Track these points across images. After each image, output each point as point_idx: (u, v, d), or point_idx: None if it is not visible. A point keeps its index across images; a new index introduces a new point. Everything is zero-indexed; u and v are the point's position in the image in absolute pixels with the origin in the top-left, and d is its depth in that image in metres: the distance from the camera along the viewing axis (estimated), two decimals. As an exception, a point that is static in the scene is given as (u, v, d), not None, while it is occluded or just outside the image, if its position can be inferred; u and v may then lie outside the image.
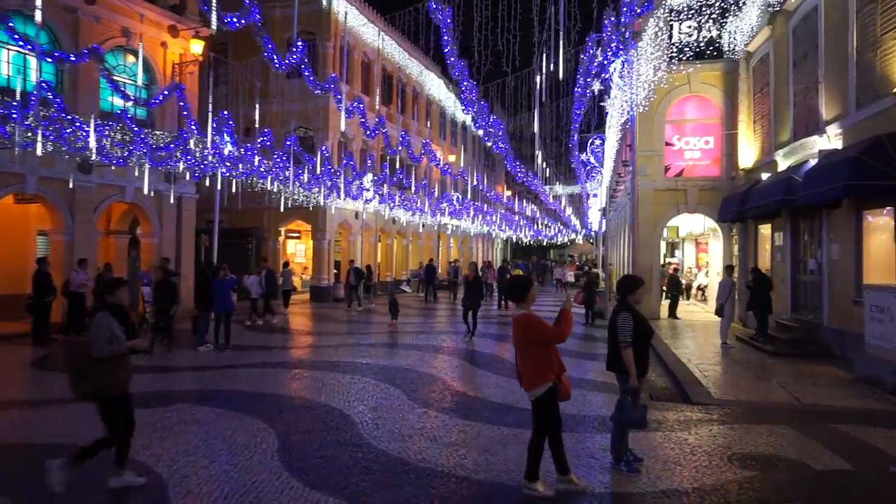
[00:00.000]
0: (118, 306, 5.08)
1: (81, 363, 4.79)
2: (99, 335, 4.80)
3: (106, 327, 4.82)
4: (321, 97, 26.17)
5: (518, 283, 4.99)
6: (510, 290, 5.00)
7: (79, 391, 4.81)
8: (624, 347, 5.24)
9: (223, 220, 28.15)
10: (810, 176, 11.17)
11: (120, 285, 5.27)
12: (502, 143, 14.01)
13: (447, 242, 39.28)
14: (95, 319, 4.94)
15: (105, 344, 4.79)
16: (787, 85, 13.93)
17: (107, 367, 4.78)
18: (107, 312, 4.96)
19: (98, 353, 4.77)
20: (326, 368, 10.31)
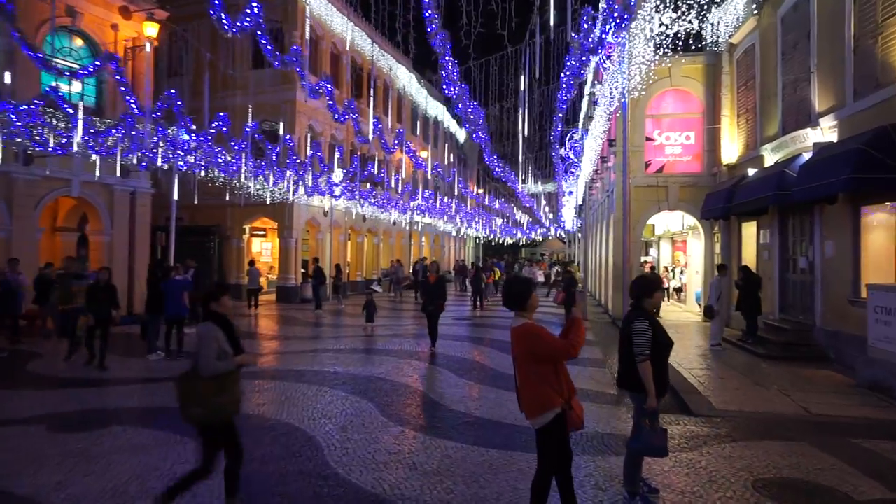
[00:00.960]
0: (223, 316, 4.39)
1: (191, 383, 4.14)
2: (208, 350, 4.13)
3: (214, 341, 4.18)
4: (287, 88, 25.13)
5: (517, 287, 4.11)
6: (507, 295, 4.12)
7: (190, 416, 4.16)
8: (641, 361, 4.44)
9: (183, 218, 26.77)
10: (806, 170, 10.61)
11: (224, 292, 4.51)
12: (482, 131, 13.09)
13: (419, 241, 38.36)
14: (201, 332, 4.24)
15: (215, 360, 4.13)
16: (776, 77, 13.42)
17: (221, 387, 4.14)
18: (213, 324, 4.26)
19: (208, 372, 4.12)
20: (290, 378, 9.32)
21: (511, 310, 4.08)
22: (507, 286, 4.25)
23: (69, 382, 8.99)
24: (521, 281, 4.27)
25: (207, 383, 4.11)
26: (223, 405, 4.17)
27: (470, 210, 36.00)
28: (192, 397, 4.11)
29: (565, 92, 10.86)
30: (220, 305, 4.41)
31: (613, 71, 10.40)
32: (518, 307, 4.02)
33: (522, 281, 4.27)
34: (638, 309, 4.66)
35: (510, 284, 4.22)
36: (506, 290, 4.20)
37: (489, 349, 12.40)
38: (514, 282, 4.25)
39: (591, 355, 11.83)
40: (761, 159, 14.04)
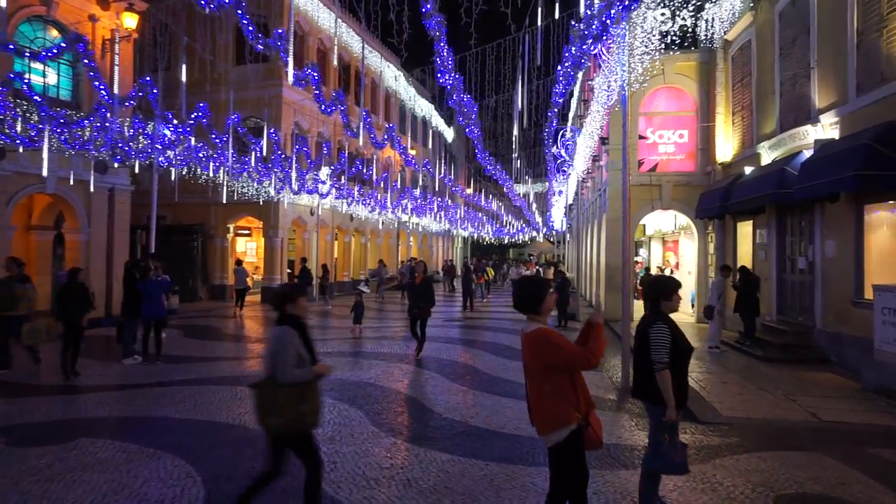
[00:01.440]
0: (299, 320, 4.09)
1: (269, 391, 3.88)
2: (285, 356, 3.88)
3: (292, 346, 3.93)
4: (273, 84, 24.58)
5: (530, 288, 3.69)
6: (519, 297, 3.70)
7: (268, 425, 3.89)
8: (659, 369, 4.05)
9: (166, 217, 26.19)
10: (808, 167, 10.32)
11: (300, 294, 4.17)
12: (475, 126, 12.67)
13: (407, 241, 37.90)
14: (279, 336, 3.96)
15: (294, 367, 3.90)
16: (773, 73, 13.16)
17: (301, 396, 3.89)
18: (290, 328, 3.99)
19: (287, 379, 3.86)
20: (275, 385, 8.83)
21: (523, 313, 3.67)
22: (518, 286, 3.80)
23: (35, 390, 8.45)
24: (533, 281, 3.83)
25: (286, 392, 3.86)
26: (303, 415, 3.91)
27: (459, 208, 35.56)
28: (271, 406, 3.86)
29: (563, 84, 10.49)
30: (295, 307, 4.10)
31: (612, 63, 10.04)
32: (531, 310, 3.61)
33: (535, 281, 3.84)
34: (655, 313, 4.27)
35: (521, 285, 3.78)
36: (517, 291, 3.75)
37: (481, 352, 11.99)
38: (526, 282, 3.81)
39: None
40: (758, 157, 13.79)
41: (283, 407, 3.82)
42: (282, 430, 3.88)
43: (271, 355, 3.95)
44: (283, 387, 3.85)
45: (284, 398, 3.83)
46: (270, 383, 3.89)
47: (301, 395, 3.88)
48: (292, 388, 3.86)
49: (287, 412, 3.82)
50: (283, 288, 4.21)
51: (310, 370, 3.99)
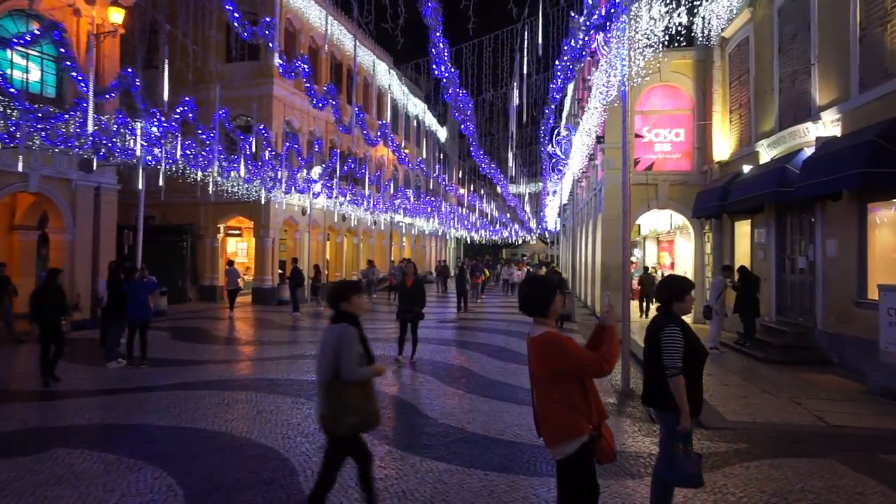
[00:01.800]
0: (355, 317, 4.06)
1: (340, 391, 3.81)
2: (350, 354, 3.83)
3: (355, 344, 3.88)
4: (264, 83, 24.22)
5: (536, 288, 3.43)
6: (525, 298, 3.43)
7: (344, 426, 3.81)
8: (672, 375, 3.79)
9: (155, 217, 25.79)
10: (810, 165, 10.12)
11: (354, 291, 4.12)
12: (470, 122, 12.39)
13: (400, 241, 37.59)
14: (341, 333, 3.89)
15: (358, 365, 3.85)
16: (772, 70, 12.98)
17: (367, 394, 3.88)
18: (351, 325, 3.94)
19: (353, 377, 3.82)
20: (263, 389, 8.53)
21: (529, 315, 3.40)
22: (524, 287, 3.52)
23: (11, 397, 8.09)
24: (541, 281, 3.55)
25: (355, 390, 3.83)
26: (373, 413, 3.91)
27: (452, 208, 35.28)
28: (342, 406, 3.79)
29: (561, 79, 10.23)
30: (349, 305, 4.04)
31: (611, 57, 9.81)
32: (538, 312, 3.34)
33: (543, 281, 3.56)
34: (667, 314, 4.01)
35: (528, 285, 3.50)
36: (523, 293, 3.47)
37: (477, 354, 11.72)
38: (532, 282, 3.53)
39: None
40: (756, 156, 13.60)
41: (356, 405, 3.80)
42: (357, 429, 3.85)
43: (333, 353, 3.84)
44: (350, 385, 3.80)
45: (353, 397, 3.80)
46: (338, 383, 3.82)
47: (367, 393, 3.88)
48: (357, 387, 3.83)
49: (360, 410, 3.81)
50: (337, 285, 4.16)
51: (371, 369, 3.96)
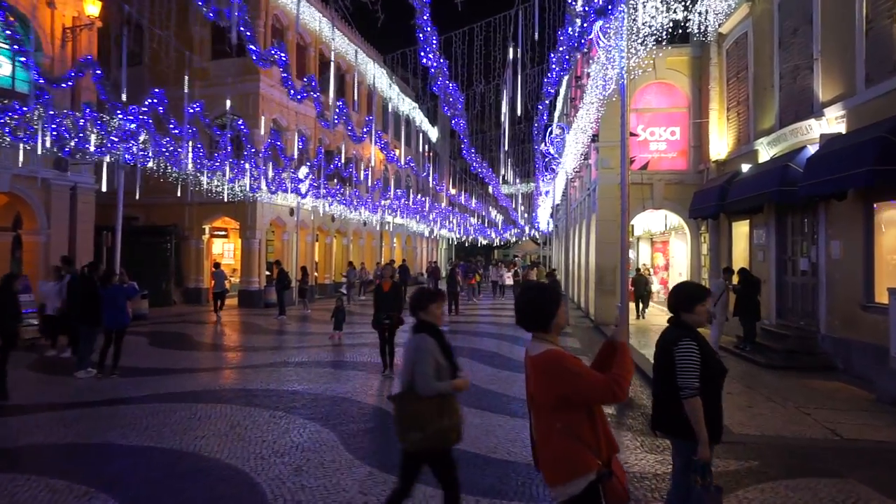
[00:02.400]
0: (435, 327, 3.84)
1: (410, 404, 3.66)
2: (425, 367, 3.65)
3: (431, 355, 3.69)
4: (251, 80, 23.62)
5: (536, 297, 2.91)
6: (522, 308, 2.91)
7: (408, 440, 3.66)
8: (688, 397, 3.32)
9: (138, 217, 25.15)
10: (814, 163, 9.72)
11: (431, 300, 3.92)
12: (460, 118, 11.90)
13: (390, 242, 37.04)
14: (418, 345, 3.73)
15: (434, 378, 3.65)
16: (772, 66, 12.60)
17: (441, 409, 3.64)
18: (428, 336, 3.75)
19: (428, 391, 3.63)
20: (240, 401, 8.00)
21: (527, 329, 2.90)
22: (521, 296, 2.99)
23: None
24: (540, 288, 2.99)
25: (428, 404, 3.63)
26: (445, 431, 3.65)
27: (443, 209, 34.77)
28: (410, 419, 3.64)
29: (557, 71, 9.77)
30: (427, 314, 3.87)
31: (609, 49, 9.37)
32: (538, 326, 2.84)
33: (542, 288, 2.99)
34: (681, 326, 3.54)
35: (526, 294, 2.97)
36: (521, 302, 2.94)
37: (467, 360, 11.22)
38: (531, 290, 2.99)
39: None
40: (755, 154, 13.22)
41: (424, 421, 3.61)
42: (422, 445, 3.65)
43: (409, 365, 3.73)
44: (423, 399, 3.62)
45: (425, 411, 3.61)
46: (410, 395, 3.68)
47: (441, 408, 3.64)
48: (432, 401, 3.63)
49: (428, 427, 3.60)
50: (416, 293, 4.02)
51: (449, 383, 3.72)
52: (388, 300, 9.71)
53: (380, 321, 9.72)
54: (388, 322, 9.68)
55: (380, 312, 9.72)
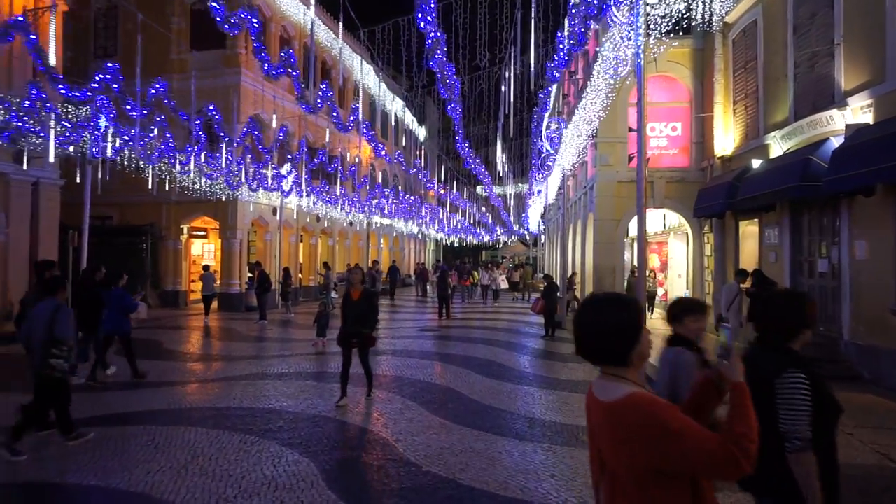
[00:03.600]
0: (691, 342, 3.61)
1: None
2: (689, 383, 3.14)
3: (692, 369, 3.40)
4: (232, 72, 22.54)
5: (611, 314, 1.91)
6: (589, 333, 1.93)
7: None
8: (797, 449, 2.44)
9: (112, 217, 23.94)
10: (841, 156, 8.94)
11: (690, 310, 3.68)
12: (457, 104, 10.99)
13: (378, 243, 36.03)
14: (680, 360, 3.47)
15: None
16: (785, 55, 11.85)
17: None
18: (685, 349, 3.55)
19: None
20: (208, 422, 7.01)
21: (594, 363, 1.96)
22: (585, 313, 1.98)
23: None
24: (619, 301, 1.96)
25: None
26: None
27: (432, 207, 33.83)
28: None
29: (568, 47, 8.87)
30: (682, 328, 3.67)
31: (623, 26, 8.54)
32: (612, 358, 1.92)
33: (622, 302, 1.95)
34: (783, 351, 2.66)
35: (592, 310, 1.96)
36: (583, 322, 1.96)
37: (464, 370, 10.31)
38: (600, 304, 1.97)
39: (576, 377, 9.93)
40: (766, 149, 12.47)
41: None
42: None
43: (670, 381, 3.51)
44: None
45: None
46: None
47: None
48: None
49: None
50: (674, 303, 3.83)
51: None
52: (357, 312, 7.81)
53: (346, 338, 7.85)
54: (356, 340, 7.83)
55: (347, 326, 7.85)
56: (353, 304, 7.85)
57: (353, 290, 7.99)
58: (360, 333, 7.78)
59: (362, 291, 7.99)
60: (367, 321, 7.83)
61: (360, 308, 7.80)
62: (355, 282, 8.06)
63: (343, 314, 7.94)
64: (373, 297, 8.11)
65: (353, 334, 7.81)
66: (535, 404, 8.03)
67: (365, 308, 7.83)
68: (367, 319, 7.84)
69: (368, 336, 7.88)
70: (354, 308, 7.81)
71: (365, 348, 7.92)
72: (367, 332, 7.85)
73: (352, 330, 7.79)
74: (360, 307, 7.80)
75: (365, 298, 7.91)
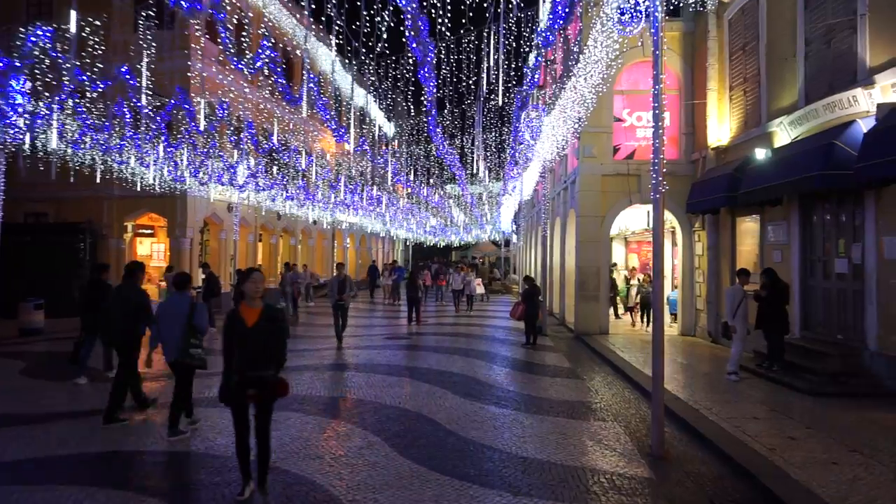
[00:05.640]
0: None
1: None
2: None
3: None
4: (182, 56, 20.59)
5: None
6: None
7: None
8: None
9: (47, 213, 21.77)
10: (876, 140, 7.71)
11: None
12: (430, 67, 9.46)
13: (343, 242, 34.23)
14: None
15: None
16: (793, 32, 10.67)
17: None
18: None
19: None
20: (83, 479, 5.35)
21: None
22: None
23: None
24: None
25: None
26: None
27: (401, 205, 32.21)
28: None
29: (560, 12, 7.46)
30: None
31: None
32: None
33: None
34: None
35: None
36: None
37: (439, 390, 8.79)
38: None
39: (576, 394, 8.54)
40: (770, 137, 11.30)
41: None
42: None
43: None
44: None
45: None
46: None
47: None
48: None
49: None
50: None
51: None
52: (256, 343, 4.71)
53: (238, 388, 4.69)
54: (253, 392, 4.72)
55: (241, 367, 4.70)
56: (246, 331, 4.69)
57: (247, 309, 4.78)
58: (263, 379, 4.72)
59: (262, 311, 4.80)
60: (272, 357, 4.80)
61: (259, 337, 4.70)
62: (252, 295, 4.81)
63: (228, 348, 4.74)
64: (278, 318, 4.90)
65: (250, 382, 4.67)
66: (527, 437, 6.56)
67: (267, 336, 4.74)
68: (273, 354, 4.81)
69: (275, 383, 4.78)
70: (250, 337, 4.68)
71: (268, 404, 4.84)
72: (274, 377, 4.78)
73: (249, 374, 4.67)
74: (259, 335, 4.70)
75: (266, 320, 4.77)
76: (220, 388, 4.78)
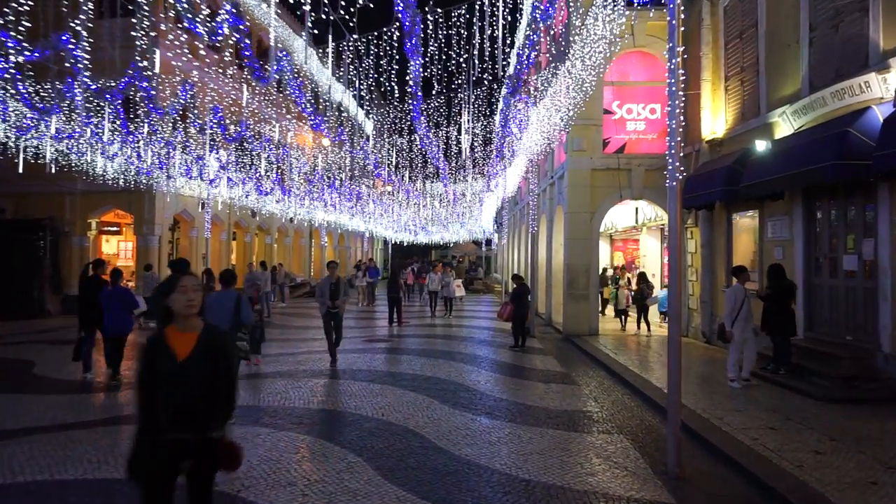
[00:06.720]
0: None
1: None
2: None
3: None
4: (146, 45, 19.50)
5: None
6: None
7: None
8: None
9: (5, 209, 20.52)
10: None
11: None
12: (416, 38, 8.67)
13: (321, 241, 33.25)
14: None
15: None
16: (797, 17, 10.13)
17: None
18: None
19: None
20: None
21: None
22: None
23: None
24: None
25: None
26: None
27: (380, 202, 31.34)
28: None
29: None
30: None
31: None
32: None
33: None
34: None
35: None
36: None
37: (424, 398, 8.05)
38: None
39: (579, 408, 7.86)
40: (771, 128, 10.76)
41: None
42: None
43: None
44: None
45: None
46: None
47: None
48: None
49: None
50: None
51: None
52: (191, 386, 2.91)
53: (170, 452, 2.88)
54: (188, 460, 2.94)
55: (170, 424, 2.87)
56: (176, 368, 2.93)
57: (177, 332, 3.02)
58: (203, 443, 2.97)
59: (201, 335, 3.04)
60: (215, 406, 3.01)
61: (196, 376, 2.94)
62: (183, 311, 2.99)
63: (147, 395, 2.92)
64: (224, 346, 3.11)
65: (181, 447, 2.91)
66: (526, 453, 5.85)
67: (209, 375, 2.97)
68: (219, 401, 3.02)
69: (224, 449, 3.04)
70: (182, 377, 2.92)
71: (209, 478, 3.08)
72: (219, 437, 3.02)
73: (182, 434, 2.90)
74: (196, 374, 2.94)
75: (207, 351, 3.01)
76: (130, 458, 2.89)
